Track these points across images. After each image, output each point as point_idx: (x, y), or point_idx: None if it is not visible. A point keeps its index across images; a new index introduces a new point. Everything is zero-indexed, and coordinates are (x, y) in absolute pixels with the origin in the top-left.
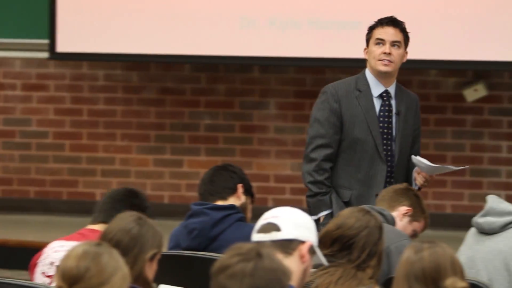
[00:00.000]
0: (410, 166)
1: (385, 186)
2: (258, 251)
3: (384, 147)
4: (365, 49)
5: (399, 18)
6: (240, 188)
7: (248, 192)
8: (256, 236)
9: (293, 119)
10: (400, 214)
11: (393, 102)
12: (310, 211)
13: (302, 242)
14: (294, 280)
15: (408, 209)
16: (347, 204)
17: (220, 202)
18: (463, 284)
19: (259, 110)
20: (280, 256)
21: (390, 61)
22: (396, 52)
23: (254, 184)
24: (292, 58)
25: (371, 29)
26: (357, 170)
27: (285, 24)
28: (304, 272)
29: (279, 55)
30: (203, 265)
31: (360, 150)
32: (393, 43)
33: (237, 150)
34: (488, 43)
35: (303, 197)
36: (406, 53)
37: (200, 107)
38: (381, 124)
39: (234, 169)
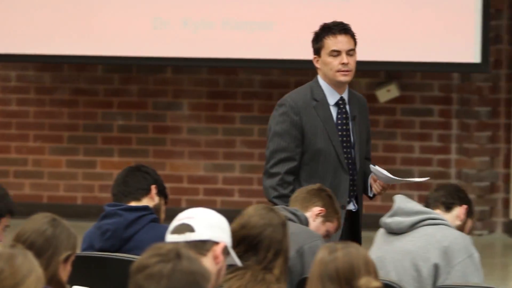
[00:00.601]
0: (367, 171)
1: (349, 196)
2: (178, 252)
3: (345, 155)
4: (315, 57)
5: (312, 20)
6: (153, 189)
7: (161, 193)
8: (170, 237)
9: (206, 119)
10: (313, 214)
11: (347, 107)
12: None
13: (216, 243)
14: None
15: (321, 210)
16: None
17: (133, 203)
18: (377, 283)
19: (172, 111)
20: None
21: (348, 71)
22: (352, 59)
23: (167, 185)
24: (205, 59)
25: (321, 37)
26: (321, 182)
27: (198, 25)
28: (218, 273)
29: (192, 56)
30: (116, 266)
31: (323, 162)
32: (348, 52)
33: (150, 151)
34: (400, 44)
35: (217, 198)
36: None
37: (113, 108)
38: (340, 133)
39: (147, 170)
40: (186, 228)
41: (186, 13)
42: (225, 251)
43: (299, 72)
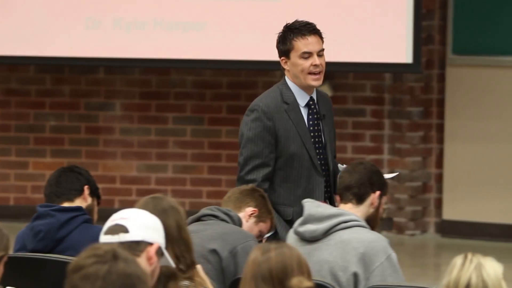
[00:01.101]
0: (336, 170)
1: (324, 198)
2: (115, 253)
3: (318, 157)
4: (282, 59)
5: (244, 20)
6: (86, 189)
7: (94, 193)
8: (103, 238)
9: (138, 120)
10: (246, 215)
11: (317, 107)
12: None
13: (150, 244)
14: None
15: (254, 210)
16: (289, 222)
17: (66, 204)
18: (308, 283)
19: (104, 111)
20: None
21: (320, 72)
22: (322, 60)
23: (100, 186)
24: (138, 59)
25: (290, 39)
26: (296, 186)
27: (130, 25)
28: (152, 274)
29: (125, 56)
30: (49, 267)
31: (297, 166)
32: (319, 53)
33: (83, 152)
34: (332, 44)
35: None
36: None
37: (45, 108)
38: (312, 134)
39: (80, 170)
40: (120, 228)
41: (118, 13)
42: (159, 252)
43: (231, 72)
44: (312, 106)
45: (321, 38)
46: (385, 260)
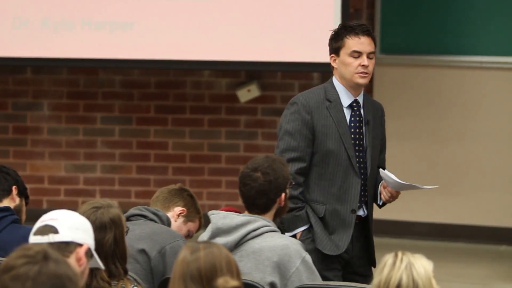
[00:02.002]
0: (378, 178)
1: (360, 200)
2: (46, 254)
3: (357, 159)
4: (332, 56)
5: (172, 20)
6: (14, 190)
7: (22, 194)
8: (33, 238)
9: (66, 120)
10: (175, 214)
11: (362, 111)
12: (285, 227)
13: (80, 245)
14: None
15: (182, 210)
16: (322, 219)
17: None
18: (235, 283)
19: (32, 111)
20: None
21: (367, 73)
22: (371, 62)
23: (28, 186)
24: (65, 59)
25: (342, 36)
26: (330, 184)
27: (58, 24)
28: (81, 275)
29: (52, 56)
30: None
31: (334, 163)
32: (369, 55)
33: (11, 152)
34: (260, 44)
35: (78, 199)
36: None
37: None
38: (352, 135)
39: (8, 171)
40: (49, 229)
41: (45, 13)
42: (88, 254)
43: (159, 72)
44: (356, 108)
45: (374, 41)
46: (300, 264)
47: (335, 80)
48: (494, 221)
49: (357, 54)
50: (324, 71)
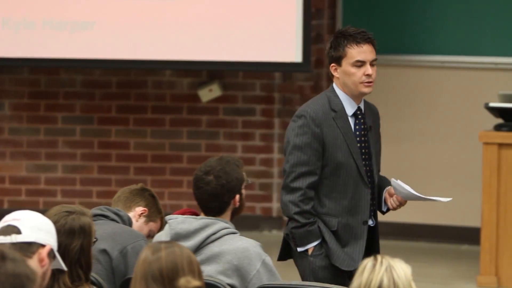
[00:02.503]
0: (381, 184)
1: (370, 211)
2: (3, 254)
3: (365, 168)
4: (333, 66)
5: (134, 19)
6: None
7: None
8: None
9: (27, 120)
10: (136, 214)
11: (365, 119)
12: (296, 242)
13: (42, 245)
14: None
15: (144, 210)
16: (334, 233)
17: None
18: (197, 283)
19: None
20: None
21: (371, 81)
22: (374, 70)
23: None
24: (27, 59)
25: (342, 46)
26: (342, 197)
27: (19, 24)
28: (43, 276)
29: (13, 56)
30: None
31: (344, 175)
32: (372, 62)
33: None
34: (222, 44)
35: (39, 199)
36: None
37: None
38: (358, 144)
39: None
40: (12, 229)
41: (6, 12)
42: (51, 254)
43: (121, 72)
44: (360, 116)
45: (375, 47)
46: (260, 267)
47: (337, 89)
48: (455, 220)
49: (360, 63)
50: (286, 70)
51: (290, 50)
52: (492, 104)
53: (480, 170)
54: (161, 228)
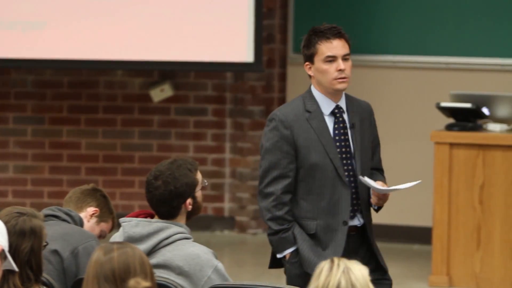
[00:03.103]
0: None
1: (353, 210)
2: None
3: (345, 167)
4: (307, 64)
5: (85, 19)
6: None
7: None
8: None
9: None
10: (88, 215)
11: (345, 116)
12: (273, 248)
13: None
14: None
15: (95, 210)
16: (312, 236)
17: None
18: (147, 284)
19: None
20: None
21: (345, 77)
22: (348, 65)
23: None
24: None
25: (313, 43)
26: (319, 198)
27: None
28: None
29: None
30: None
31: (320, 176)
32: (344, 57)
33: None
34: (173, 43)
35: None
36: None
37: None
38: (337, 144)
39: None
40: None
41: None
42: (2, 255)
43: (72, 71)
44: (338, 115)
45: (348, 42)
46: (212, 274)
47: (313, 89)
48: (407, 220)
49: (331, 59)
50: (238, 70)
51: (242, 50)
52: (443, 104)
53: (432, 170)
54: (112, 228)
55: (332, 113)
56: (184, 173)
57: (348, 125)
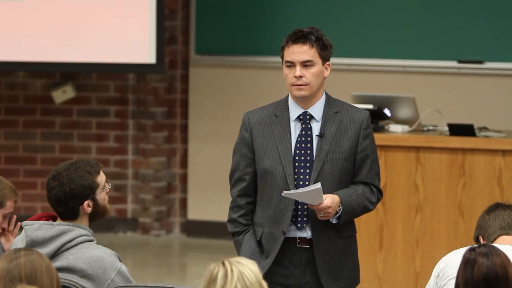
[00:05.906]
0: (339, 195)
1: (297, 222)
2: None
3: (296, 176)
4: (282, 68)
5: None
6: None
7: None
8: None
9: None
10: None
11: (315, 123)
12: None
13: None
14: None
15: None
16: (259, 243)
17: None
18: None
19: None
20: None
21: (302, 84)
22: (309, 72)
23: None
24: None
25: (283, 46)
26: (268, 206)
27: None
28: None
29: None
30: None
31: (270, 183)
32: (304, 64)
33: None
34: (75, 45)
35: None
36: (329, 65)
37: None
38: (298, 151)
39: None
40: None
41: None
42: None
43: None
44: (304, 122)
45: (314, 45)
46: (115, 276)
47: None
48: None
49: (290, 64)
50: (140, 71)
51: (144, 51)
52: None
53: None
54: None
55: (298, 119)
56: (81, 174)
57: (314, 133)
